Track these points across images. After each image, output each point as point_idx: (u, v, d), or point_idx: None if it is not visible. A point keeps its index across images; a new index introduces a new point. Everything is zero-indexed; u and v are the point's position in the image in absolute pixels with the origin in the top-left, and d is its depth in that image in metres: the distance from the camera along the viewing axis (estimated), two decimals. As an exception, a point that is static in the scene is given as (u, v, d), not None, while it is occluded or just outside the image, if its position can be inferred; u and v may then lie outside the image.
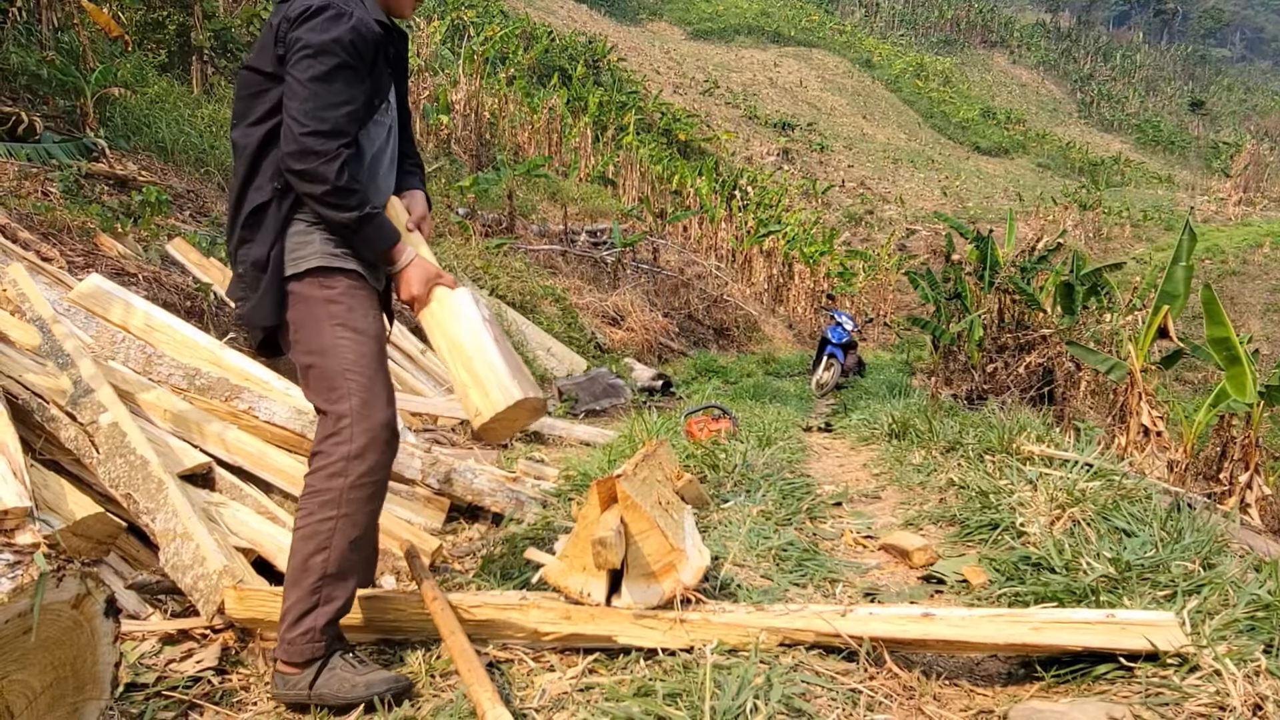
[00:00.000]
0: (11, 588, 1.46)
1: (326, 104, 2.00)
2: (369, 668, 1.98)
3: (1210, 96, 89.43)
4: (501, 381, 2.05)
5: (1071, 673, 1.91)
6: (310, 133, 1.97)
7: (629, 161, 24.17)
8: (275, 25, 2.08)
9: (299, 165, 1.99)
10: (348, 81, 2.04)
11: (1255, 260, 30.84)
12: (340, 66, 2.02)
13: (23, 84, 7.61)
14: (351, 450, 2.02)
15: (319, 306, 2.10)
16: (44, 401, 2.79)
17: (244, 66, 2.14)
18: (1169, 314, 6.41)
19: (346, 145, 2.02)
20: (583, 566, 2.10)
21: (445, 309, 2.15)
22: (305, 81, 1.99)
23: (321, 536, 1.99)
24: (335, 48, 2.01)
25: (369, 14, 2.11)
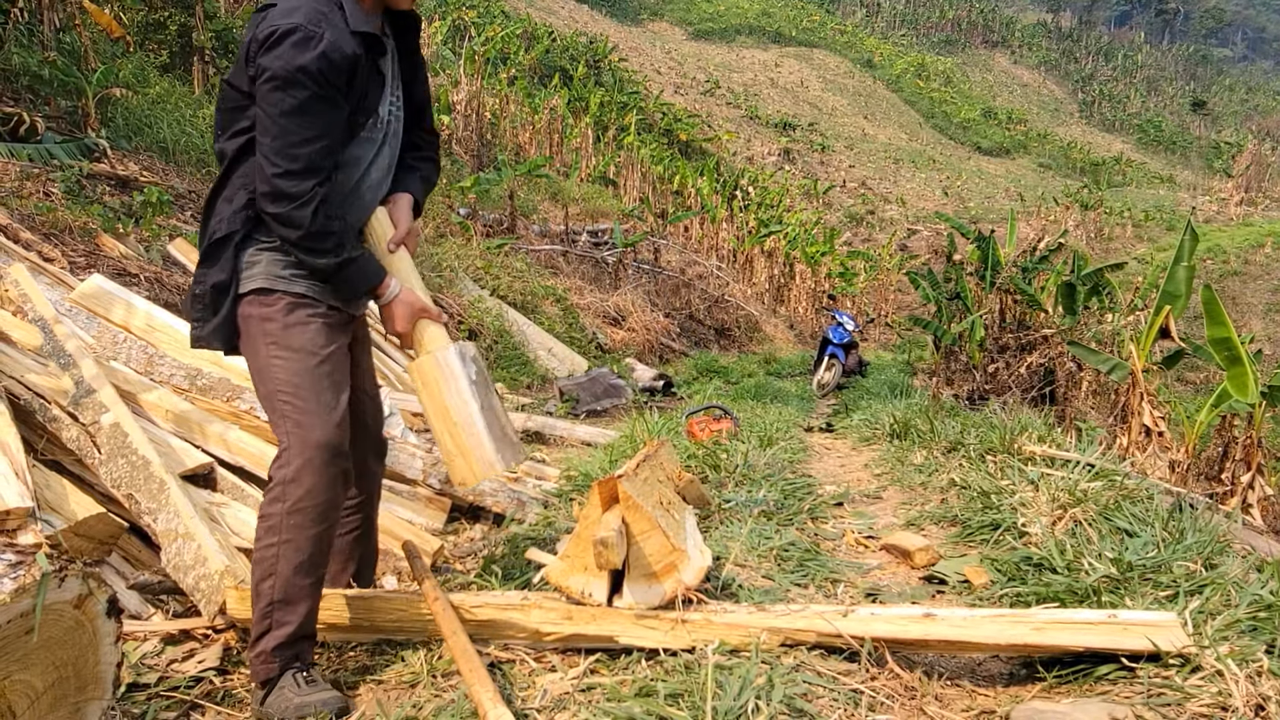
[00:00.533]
0: (14, 588, 1.46)
1: (297, 140, 1.91)
2: (314, 688, 1.94)
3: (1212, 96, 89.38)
4: (486, 456, 2.04)
5: (1073, 673, 1.91)
6: (281, 174, 1.90)
7: (630, 162, 24.18)
8: (247, 43, 1.97)
9: (272, 209, 1.93)
10: (319, 113, 1.93)
11: (1257, 260, 30.82)
12: (311, 99, 1.90)
13: (24, 84, 7.62)
14: (287, 474, 1.99)
15: (255, 326, 2.05)
16: (46, 402, 2.79)
17: (224, 80, 2.09)
18: (1170, 314, 6.41)
19: (321, 183, 1.94)
20: (584, 567, 2.10)
21: (433, 369, 2.07)
22: (275, 116, 1.90)
23: (267, 563, 1.97)
24: (302, 78, 1.89)
25: (344, 29, 1.97)
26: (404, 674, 2.08)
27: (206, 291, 2.07)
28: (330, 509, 2.03)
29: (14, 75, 7.55)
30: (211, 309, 2.08)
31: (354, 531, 2.36)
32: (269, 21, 1.92)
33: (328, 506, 2.01)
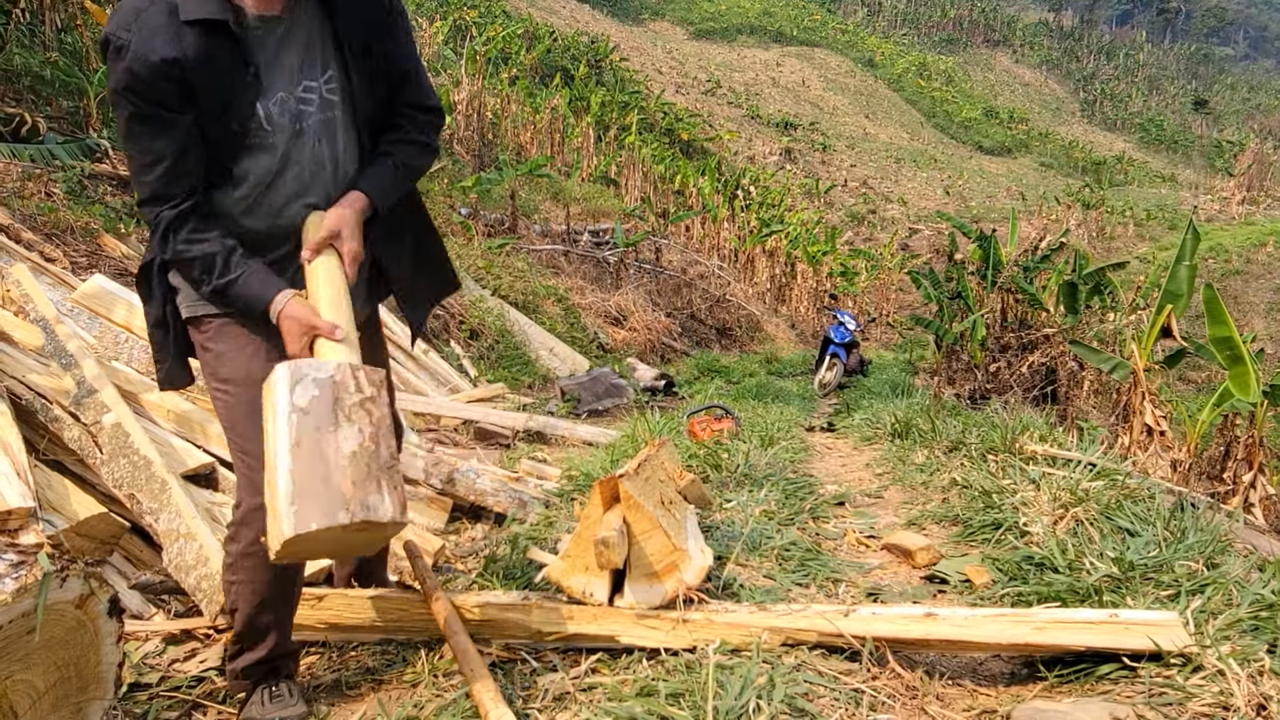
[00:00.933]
0: (15, 588, 1.46)
1: (136, 165, 1.75)
2: (278, 704, 1.91)
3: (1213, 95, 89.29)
4: (278, 509, 1.54)
5: (1075, 673, 1.91)
6: (139, 201, 1.78)
7: (631, 161, 24.18)
8: None
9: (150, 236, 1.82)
10: (145, 134, 1.71)
11: (1259, 259, 30.79)
12: (132, 119, 1.70)
13: (26, 85, 7.63)
14: (238, 516, 1.88)
15: (199, 355, 1.95)
16: (47, 402, 2.79)
17: None
18: (1172, 313, 6.40)
19: (173, 207, 1.75)
20: (585, 566, 2.10)
21: (265, 394, 1.66)
22: (121, 138, 1.74)
23: (230, 597, 1.93)
24: (117, 98, 1.68)
25: (163, 26, 1.65)
26: (405, 674, 2.09)
27: (152, 331, 1.97)
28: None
29: (16, 76, 7.56)
30: (161, 349, 1.98)
31: None
32: (110, 20, 1.70)
33: None
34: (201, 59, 1.68)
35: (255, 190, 1.86)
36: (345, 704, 2.01)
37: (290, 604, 2.01)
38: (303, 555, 1.63)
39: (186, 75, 1.68)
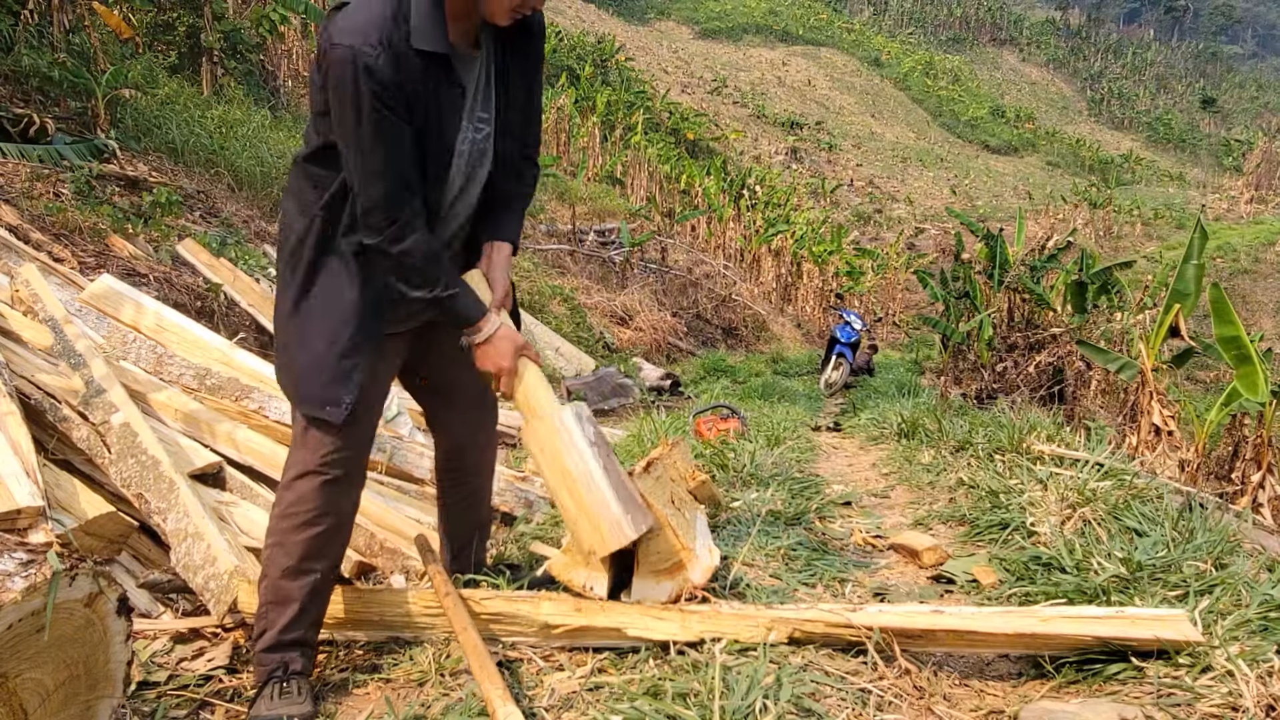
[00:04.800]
0: (25, 586, 1.46)
1: (372, 171, 1.84)
2: (285, 701, 1.92)
3: (1222, 94, 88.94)
4: (614, 517, 1.91)
5: (1082, 673, 1.90)
6: (370, 208, 1.89)
7: (637, 161, 24.19)
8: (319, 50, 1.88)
9: (367, 240, 1.93)
10: (390, 141, 1.83)
11: (1267, 259, 30.68)
12: (377, 125, 1.81)
13: (35, 86, 7.67)
14: (285, 479, 2.02)
15: None
16: (56, 401, 2.80)
17: None
18: (1180, 313, 6.38)
19: (411, 211, 1.88)
20: (586, 561, 2.10)
21: (550, 433, 1.97)
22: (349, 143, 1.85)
23: (264, 565, 2.02)
24: (365, 106, 1.79)
25: (405, 48, 1.79)
26: (412, 672, 2.09)
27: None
28: (322, 516, 1.99)
29: (24, 77, 7.60)
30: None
31: (454, 506, 2.46)
32: (329, 33, 1.79)
33: (317, 515, 1.98)
34: (429, 83, 1.84)
35: (433, 217, 1.98)
36: (352, 702, 2.01)
37: (318, 574, 2.02)
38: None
39: (413, 95, 1.81)
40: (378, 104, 1.76)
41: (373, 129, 1.78)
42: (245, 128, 9.64)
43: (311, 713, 1.94)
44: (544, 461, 1.97)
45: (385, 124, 1.79)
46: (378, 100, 1.76)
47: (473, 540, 2.49)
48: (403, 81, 1.78)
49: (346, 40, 1.75)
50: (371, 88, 1.75)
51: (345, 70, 1.75)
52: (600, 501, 1.89)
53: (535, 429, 1.98)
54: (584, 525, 1.91)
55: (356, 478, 2.09)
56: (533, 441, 2.01)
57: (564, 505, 1.95)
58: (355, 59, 1.74)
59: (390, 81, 1.76)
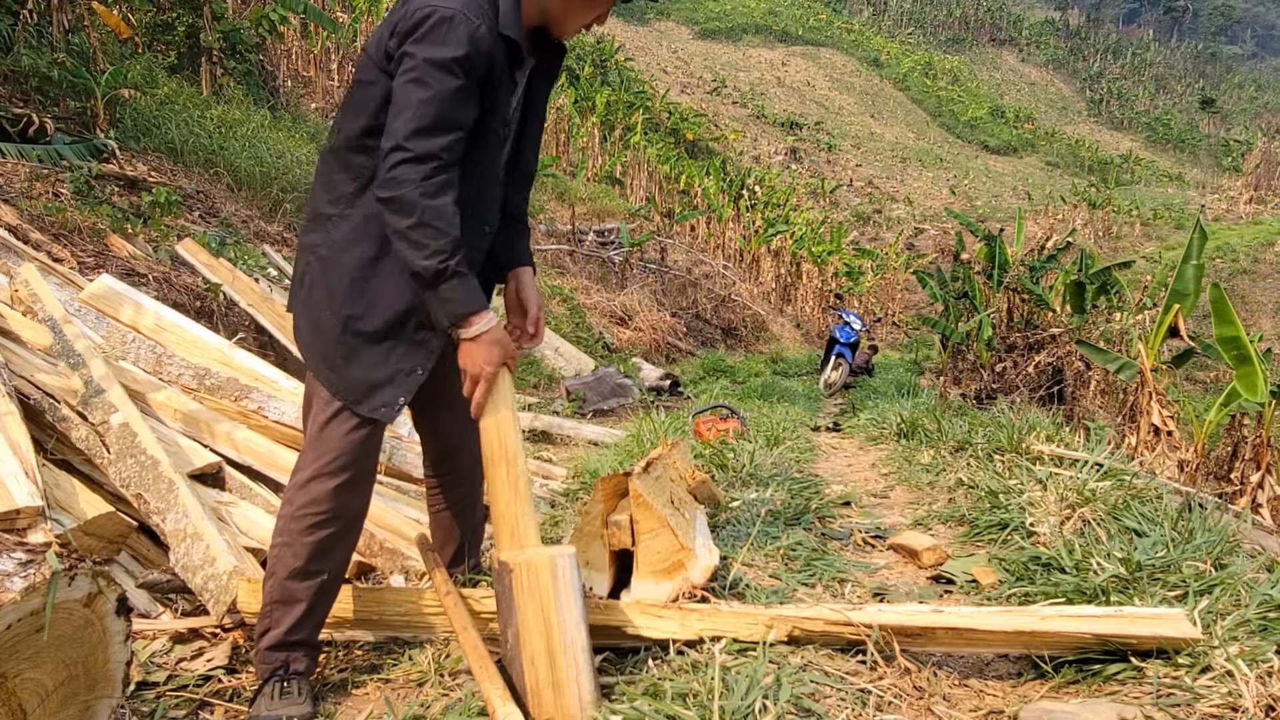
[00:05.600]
0: (24, 586, 1.46)
1: (430, 125, 1.85)
2: (285, 701, 1.93)
3: (1221, 94, 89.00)
4: (583, 696, 1.70)
5: (1082, 673, 1.90)
6: (411, 156, 1.86)
7: (636, 161, 24.20)
8: (395, 19, 1.90)
9: (387, 192, 1.86)
10: (459, 104, 1.87)
11: (1267, 259, 30.70)
12: (454, 88, 1.86)
13: (34, 85, 7.66)
14: (299, 479, 1.98)
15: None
16: (55, 401, 2.80)
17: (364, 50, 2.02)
18: (1179, 313, 6.38)
19: (449, 171, 1.87)
20: (585, 561, 2.10)
21: (547, 577, 1.73)
22: (417, 101, 1.87)
23: (270, 563, 1.99)
24: (450, 65, 1.85)
25: (494, 26, 1.90)
26: (412, 672, 2.09)
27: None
28: (334, 518, 1.98)
29: (23, 76, 7.59)
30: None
31: (446, 509, 2.44)
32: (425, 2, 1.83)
33: (329, 518, 1.97)
34: (502, 68, 1.92)
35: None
36: (352, 702, 2.01)
37: (324, 576, 2.02)
38: None
39: (489, 74, 1.88)
40: (461, 67, 1.81)
41: (456, 84, 1.81)
42: (245, 128, 9.63)
43: (311, 713, 1.93)
44: (530, 606, 1.73)
45: (466, 87, 1.83)
46: (469, 62, 1.81)
47: (465, 545, 2.47)
48: (490, 58, 1.86)
49: (450, 3, 1.81)
50: (468, 50, 1.80)
51: (454, 24, 1.80)
52: (574, 668, 1.71)
53: (535, 565, 1.74)
54: (546, 692, 1.70)
55: (369, 480, 2.08)
56: (525, 577, 1.74)
57: (533, 662, 1.72)
58: (466, 20, 1.80)
59: (485, 52, 1.84)
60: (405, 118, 1.79)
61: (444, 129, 1.81)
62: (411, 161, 1.78)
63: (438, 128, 1.80)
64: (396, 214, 1.79)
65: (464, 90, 1.83)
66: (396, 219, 1.79)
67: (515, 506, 1.84)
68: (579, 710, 1.68)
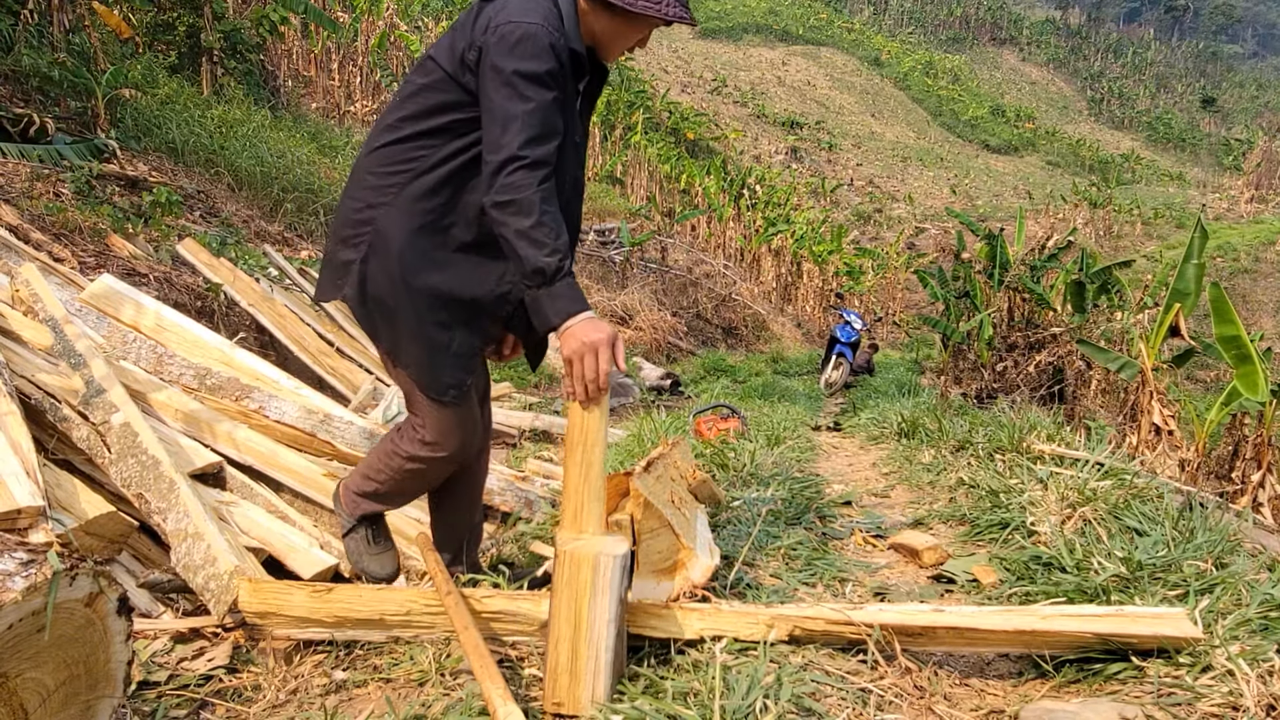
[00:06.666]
0: (25, 586, 1.46)
1: (533, 134, 1.94)
2: (377, 548, 2.37)
3: (1222, 93, 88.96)
4: (598, 692, 1.73)
5: (1083, 673, 1.90)
6: (521, 164, 1.94)
7: (637, 160, 24.19)
8: (472, 29, 2.00)
9: (502, 197, 1.95)
10: (555, 111, 1.98)
11: (1268, 258, 30.68)
12: (550, 99, 1.97)
13: (35, 85, 7.66)
14: (448, 449, 2.26)
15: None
16: (56, 401, 2.80)
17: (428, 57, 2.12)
18: (1180, 312, 6.38)
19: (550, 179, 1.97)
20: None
21: (589, 571, 1.76)
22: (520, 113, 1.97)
23: (390, 473, 2.31)
24: (544, 79, 1.97)
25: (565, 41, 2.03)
26: (412, 672, 2.09)
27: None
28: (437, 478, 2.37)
29: (24, 76, 7.60)
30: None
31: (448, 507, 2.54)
32: (504, 15, 1.92)
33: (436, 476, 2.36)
34: (570, 80, 2.02)
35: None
36: (352, 703, 2.01)
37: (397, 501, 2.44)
38: None
39: (566, 83, 1.99)
40: (560, 77, 1.93)
41: (551, 95, 1.90)
42: (245, 128, 9.64)
43: (395, 570, 2.37)
44: (564, 594, 1.76)
45: (560, 98, 1.94)
46: (560, 75, 1.93)
47: (464, 544, 2.48)
48: (566, 66, 1.97)
49: (533, 19, 1.91)
50: (556, 64, 1.91)
51: (541, 39, 1.90)
52: (595, 664, 1.74)
53: (578, 556, 1.75)
54: (564, 679, 1.74)
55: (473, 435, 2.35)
56: (568, 566, 1.76)
57: (555, 649, 1.76)
58: (550, 33, 1.91)
59: (564, 63, 1.95)
60: (514, 129, 1.87)
61: (549, 137, 1.90)
62: (528, 168, 1.85)
63: (545, 136, 1.89)
64: (517, 215, 1.84)
65: (558, 101, 1.93)
66: (517, 219, 1.84)
67: (582, 492, 1.87)
68: (589, 704, 1.72)
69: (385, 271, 2.07)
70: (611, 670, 1.76)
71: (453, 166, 2.05)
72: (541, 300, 1.85)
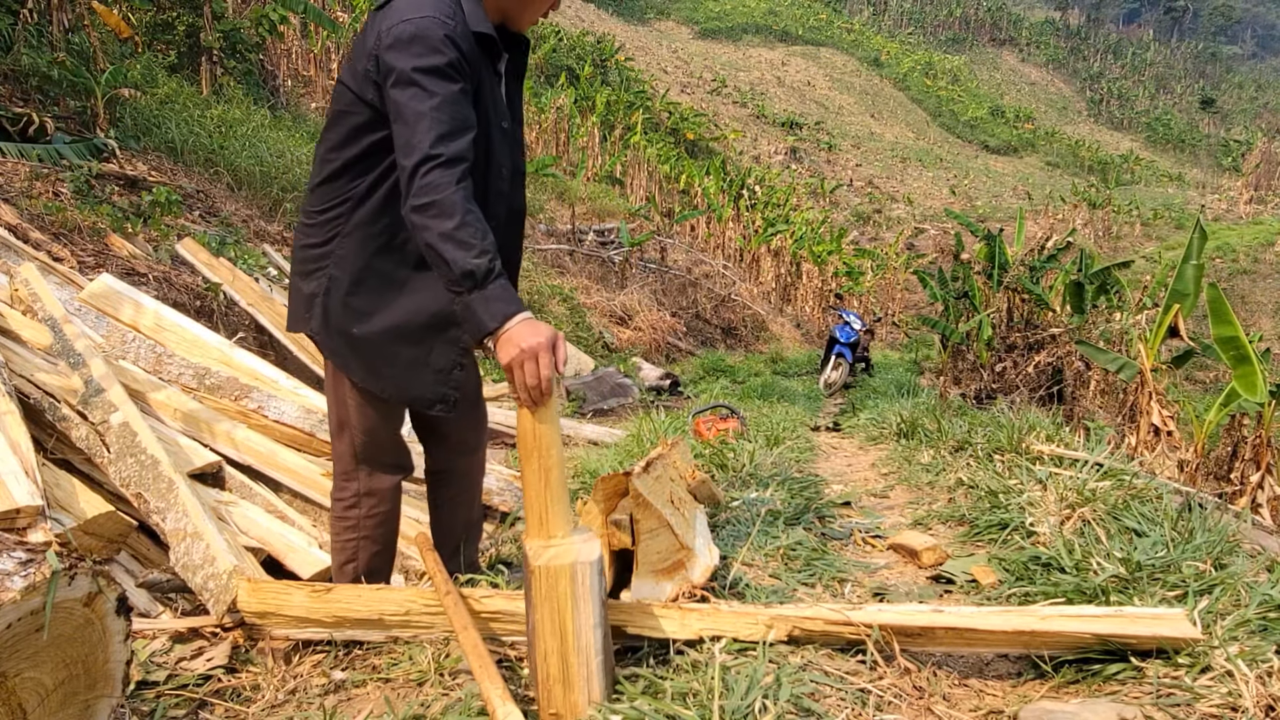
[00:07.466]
0: (24, 585, 1.46)
1: (442, 130, 1.88)
2: None
3: (1221, 94, 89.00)
4: (592, 696, 1.72)
5: (1082, 673, 1.90)
6: (436, 162, 1.89)
7: (636, 161, 24.19)
8: (371, 41, 1.95)
9: (418, 200, 1.89)
10: (463, 103, 1.92)
11: (1266, 259, 30.68)
12: (455, 91, 1.92)
13: (34, 85, 7.66)
14: (362, 488, 2.29)
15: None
16: (56, 401, 2.80)
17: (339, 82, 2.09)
18: (1179, 313, 6.38)
19: (466, 173, 1.90)
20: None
21: (565, 581, 1.72)
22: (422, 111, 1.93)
23: (349, 551, 2.32)
24: (445, 71, 1.92)
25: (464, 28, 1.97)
26: (411, 672, 2.09)
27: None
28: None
29: (24, 76, 7.59)
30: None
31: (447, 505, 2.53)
32: (397, 14, 1.87)
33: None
34: (480, 63, 1.97)
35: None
36: (352, 703, 2.01)
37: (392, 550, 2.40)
38: None
39: (473, 70, 1.93)
40: (454, 70, 1.85)
41: (456, 86, 1.85)
42: (245, 127, 9.63)
43: None
44: (545, 608, 1.73)
45: (466, 88, 1.88)
46: (455, 68, 1.85)
47: (462, 541, 2.48)
48: (470, 57, 1.91)
49: (422, 12, 1.86)
50: (455, 54, 1.85)
51: (433, 32, 1.84)
52: (587, 669, 1.73)
53: (553, 569, 1.72)
54: (557, 689, 1.72)
55: None
56: (543, 580, 1.73)
57: (544, 661, 1.73)
58: (442, 24, 1.85)
59: (466, 52, 1.89)
60: (423, 128, 1.79)
61: (461, 132, 1.83)
62: (444, 165, 1.78)
63: (456, 131, 1.82)
64: (438, 218, 1.74)
65: (465, 91, 1.87)
66: (439, 223, 1.74)
67: (544, 497, 1.84)
68: (587, 708, 1.70)
69: (345, 305, 2.08)
70: (604, 672, 1.75)
71: (388, 186, 2.02)
72: (474, 305, 1.72)
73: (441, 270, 1.76)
